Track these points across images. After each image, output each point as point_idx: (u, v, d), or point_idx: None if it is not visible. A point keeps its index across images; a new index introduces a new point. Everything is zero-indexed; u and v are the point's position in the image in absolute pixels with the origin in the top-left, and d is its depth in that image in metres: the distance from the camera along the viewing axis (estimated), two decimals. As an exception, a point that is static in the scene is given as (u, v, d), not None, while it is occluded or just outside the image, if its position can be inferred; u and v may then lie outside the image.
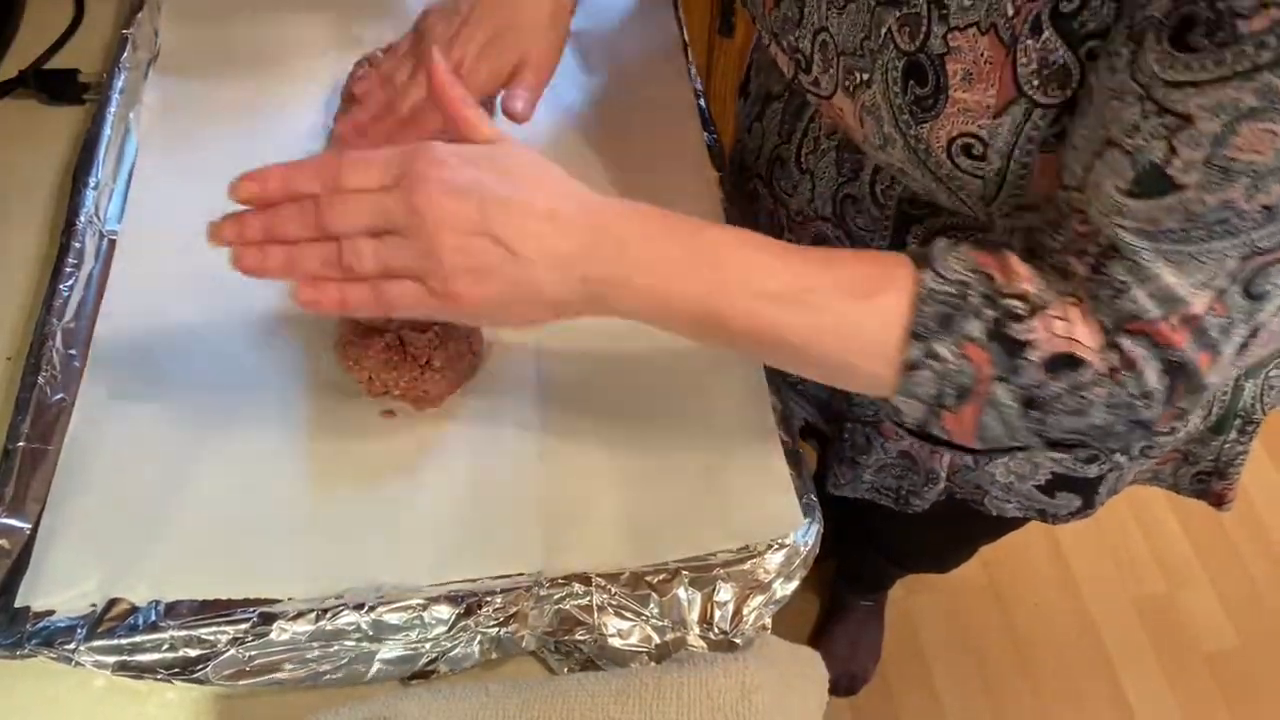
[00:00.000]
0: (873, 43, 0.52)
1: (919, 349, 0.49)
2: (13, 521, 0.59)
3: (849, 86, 0.55)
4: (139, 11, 0.85)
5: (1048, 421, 0.50)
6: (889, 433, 0.78)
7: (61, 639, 0.54)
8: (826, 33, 0.55)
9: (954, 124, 0.50)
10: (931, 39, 0.49)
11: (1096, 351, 0.48)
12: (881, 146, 0.55)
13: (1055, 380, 0.48)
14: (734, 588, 0.58)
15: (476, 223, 0.47)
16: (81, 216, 0.71)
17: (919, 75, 0.50)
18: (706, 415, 0.66)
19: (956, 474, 0.80)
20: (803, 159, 0.69)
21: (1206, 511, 1.76)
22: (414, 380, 0.64)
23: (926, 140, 0.52)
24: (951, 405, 0.50)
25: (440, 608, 0.56)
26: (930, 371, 0.49)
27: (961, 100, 0.49)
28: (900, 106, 0.52)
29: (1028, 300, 0.49)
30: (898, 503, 0.86)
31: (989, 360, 0.48)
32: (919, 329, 0.49)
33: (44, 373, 0.64)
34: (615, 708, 0.53)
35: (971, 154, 0.51)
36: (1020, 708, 1.54)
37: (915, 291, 0.49)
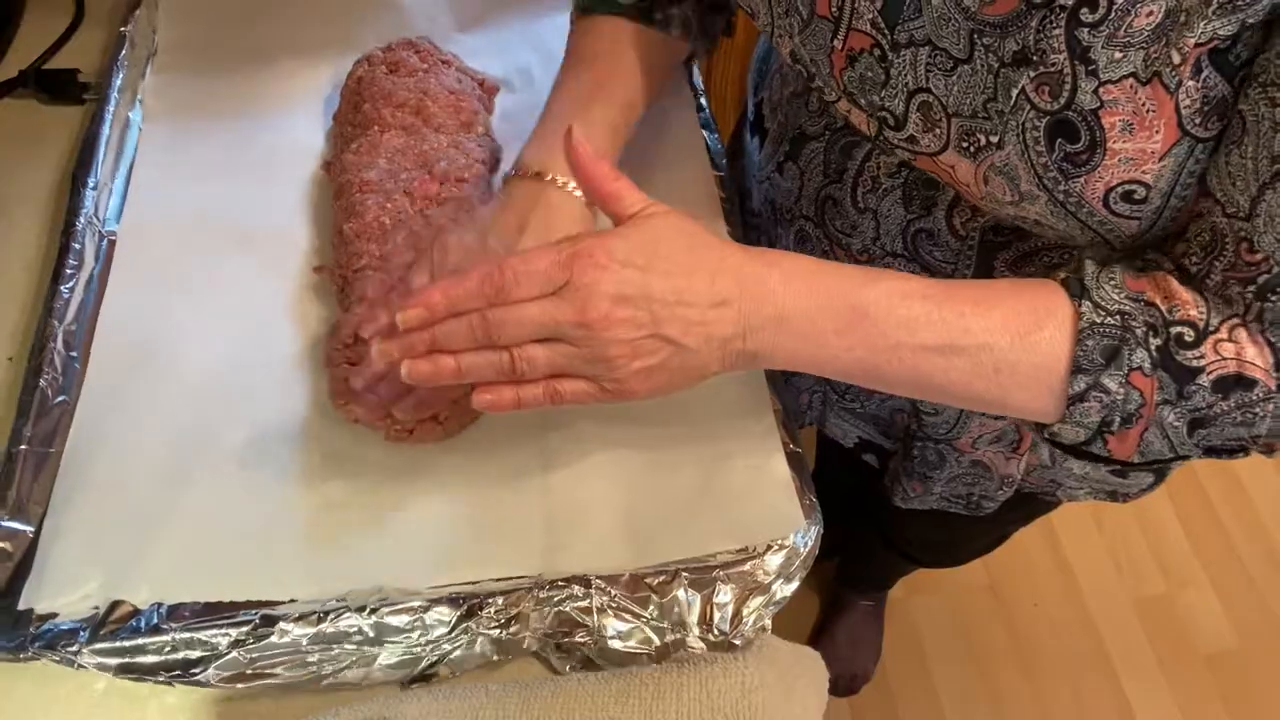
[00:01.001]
0: (1000, 104, 0.49)
1: (1084, 382, 0.50)
2: (15, 524, 0.59)
3: (968, 148, 0.52)
4: (137, 10, 0.85)
5: (1212, 434, 0.50)
6: (964, 447, 0.77)
7: (64, 641, 0.54)
8: (928, 94, 0.53)
9: (1113, 174, 0.48)
10: (1079, 95, 0.47)
11: (1266, 370, 0.48)
12: (1014, 203, 0.53)
13: (1224, 400, 0.49)
14: (734, 589, 0.58)
15: (647, 326, 0.50)
16: (81, 217, 0.71)
17: (1068, 133, 0.48)
18: (706, 417, 0.66)
19: (1032, 473, 0.80)
20: (860, 199, 0.67)
21: (1207, 511, 1.77)
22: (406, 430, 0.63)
23: (1079, 194, 0.50)
24: (1116, 431, 0.51)
25: (441, 610, 0.56)
26: (1097, 404, 0.50)
27: (1122, 151, 0.47)
28: (1045, 165, 0.50)
29: (1194, 326, 0.49)
30: (969, 508, 0.85)
31: (1156, 388, 0.49)
32: (1083, 363, 0.49)
33: (45, 375, 0.64)
34: (615, 708, 0.53)
35: (1133, 199, 0.49)
36: (1020, 708, 1.54)
37: (1075, 325, 0.50)
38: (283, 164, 0.78)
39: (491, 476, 0.63)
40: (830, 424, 0.88)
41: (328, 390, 0.64)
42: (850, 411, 0.84)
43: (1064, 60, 0.47)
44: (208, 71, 0.83)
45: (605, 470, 0.64)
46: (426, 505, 0.62)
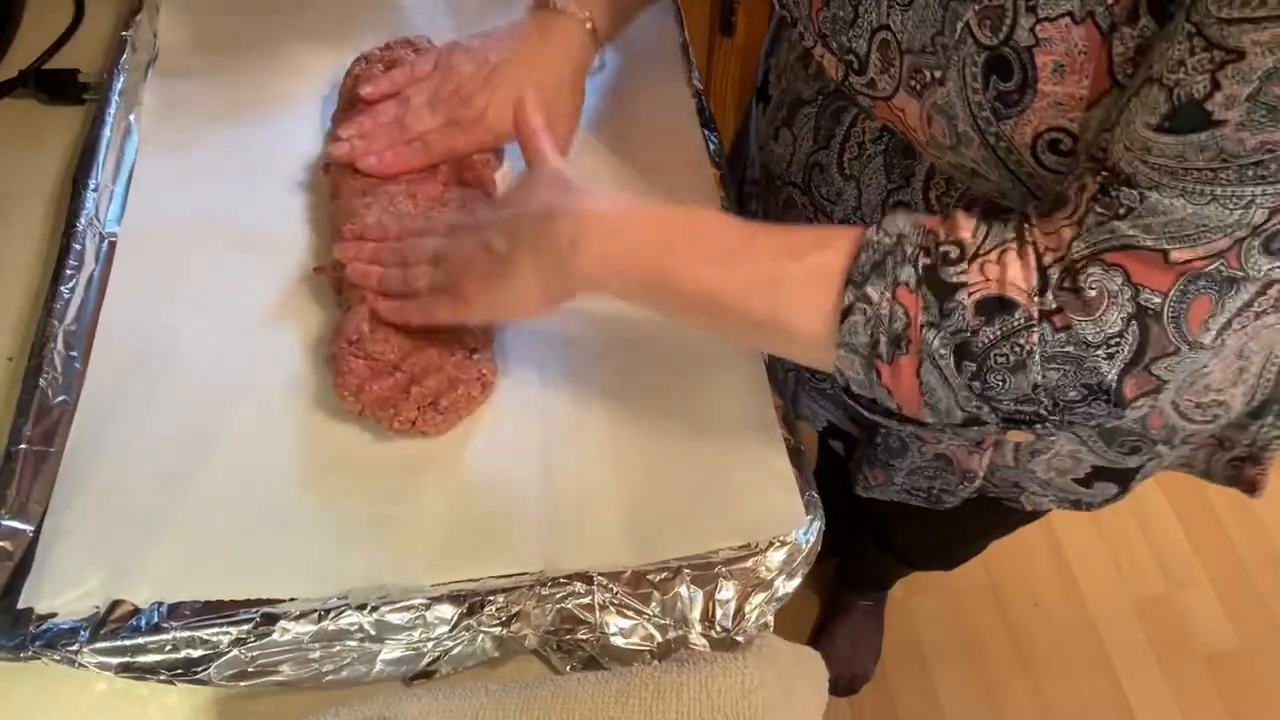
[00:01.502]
0: (946, 38, 0.50)
1: (852, 294, 0.50)
2: (15, 524, 0.59)
3: (915, 86, 0.53)
4: (138, 13, 0.85)
5: (990, 381, 0.49)
6: (929, 436, 0.78)
7: (64, 641, 0.54)
8: (888, 31, 0.54)
9: (1041, 119, 0.48)
10: (1018, 31, 0.47)
11: (1027, 293, 0.47)
12: (952, 147, 0.54)
13: (987, 326, 0.48)
14: (736, 586, 0.58)
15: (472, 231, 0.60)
16: (81, 219, 0.71)
17: (1003, 70, 0.48)
18: (708, 413, 0.66)
19: (995, 473, 0.80)
20: (845, 165, 0.68)
21: (1207, 511, 1.77)
22: (409, 421, 0.63)
23: (1009, 138, 0.50)
24: (886, 355, 0.50)
25: (443, 607, 0.56)
26: (862, 316, 0.50)
27: (1051, 93, 0.47)
28: (980, 103, 0.50)
29: (963, 246, 0.49)
30: (929, 501, 0.85)
31: (920, 305, 0.49)
32: (854, 275, 0.50)
33: (45, 375, 0.64)
34: (615, 708, 0.53)
35: (1059, 149, 0.49)
36: (1020, 708, 1.54)
37: (856, 244, 0.51)
38: (283, 165, 0.78)
39: (492, 474, 0.63)
40: (802, 405, 0.88)
41: (333, 384, 0.64)
42: (819, 392, 0.84)
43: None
44: (208, 74, 0.83)
45: (606, 467, 0.64)
46: (427, 503, 0.62)
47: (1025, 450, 0.76)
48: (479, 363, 0.65)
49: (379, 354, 0.63)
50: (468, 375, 0.64)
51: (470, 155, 0.74)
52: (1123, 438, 0.72)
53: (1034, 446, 0.75)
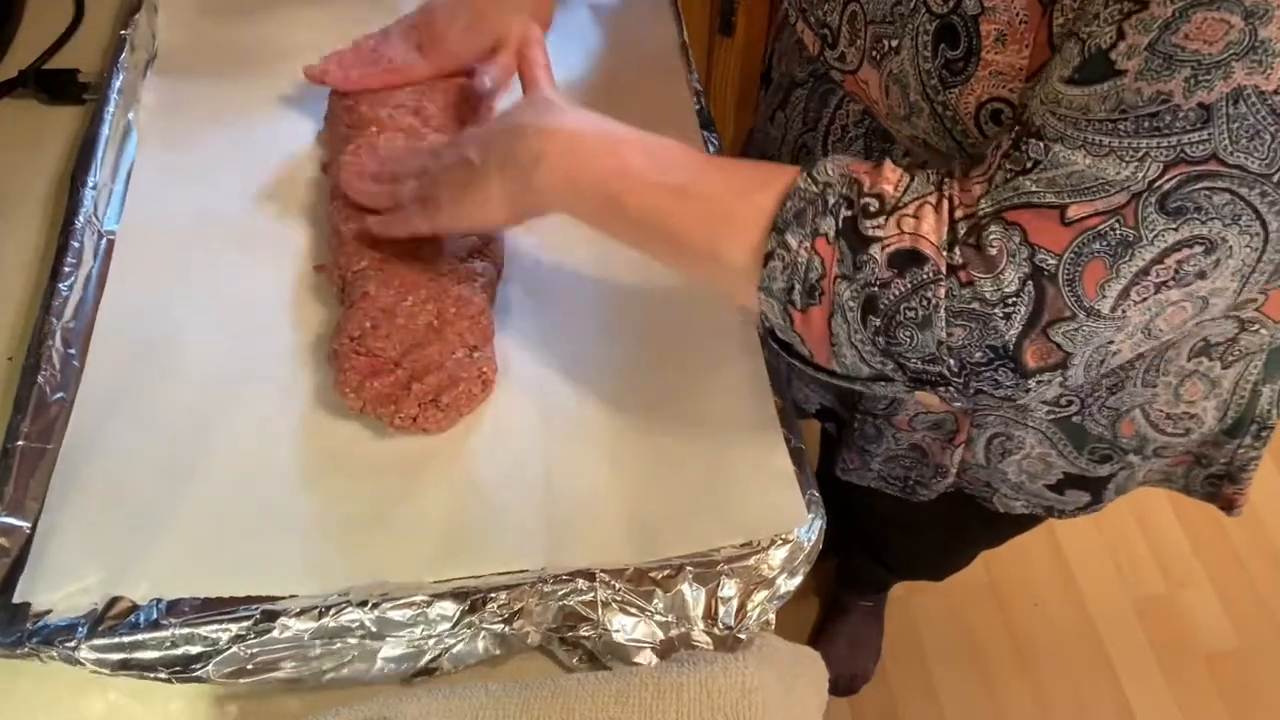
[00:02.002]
0: (904, 8, 0.52)
1: (774, 240, 0.51)
2: (12, 520, 0.59)
3: (876, 56, 0.55)
4: (136, 13, 0.85)
5: (898, 337, 0.49)
6: (901, 424, 0.78)
7: (62, 637, 0.54)
8: (856, 3, 0.56)
9: (984, 88, 0.49)
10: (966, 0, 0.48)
11: (937, 247, 0.47)
12: (906, 117, 0.55)
13: (899, 279, 0.48)
14: (738, 583, 0.58)
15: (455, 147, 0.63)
16: (80, 217, 0.71)
17: (950, 38, 0.49)
18: (709, 411, 0.66)
19: (967, 470, 0.80)
20: (829, 147, 0.69)
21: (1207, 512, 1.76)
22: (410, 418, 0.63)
23: (954, 107, 0.51)
24: (799, 303, 0.51)
25: (444, 604, 0.56)
26: (780, 263, 0.50)
27: (993, 63, 0.48)
28: (929, 71, 0.51)
29: (883, 199, 0.49)
30: (904, 492, 0.86)
31: (835, 257, 0.49)
32: (778, 222, 0.51)
33: (43, 372, 0.64)
34: (615, 708, 0.53)
35: (1000, 120, 0.50)
36: (1020, 708, 1.54)
37: (786, 190, 0.51)
38: (281, 164, 0.79)
39: (493, 471, 0.63)
40: (794, 387, 0.88)
41: (333, 381, 0.64)
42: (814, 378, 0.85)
43: None
44: (207, 73, 0.83)
45: (608, 465, 0.64)
46: (428, 500, 0.62)
47: (996, 450, 0.76)
48: (480, 360, 0.65)
49: (380, 350, 0.63)
50: (469, 372, 0.64)
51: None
52: (1093, 444, 0.72)
53: (1005, 446, 0.75)
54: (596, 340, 0.69)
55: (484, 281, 0.69)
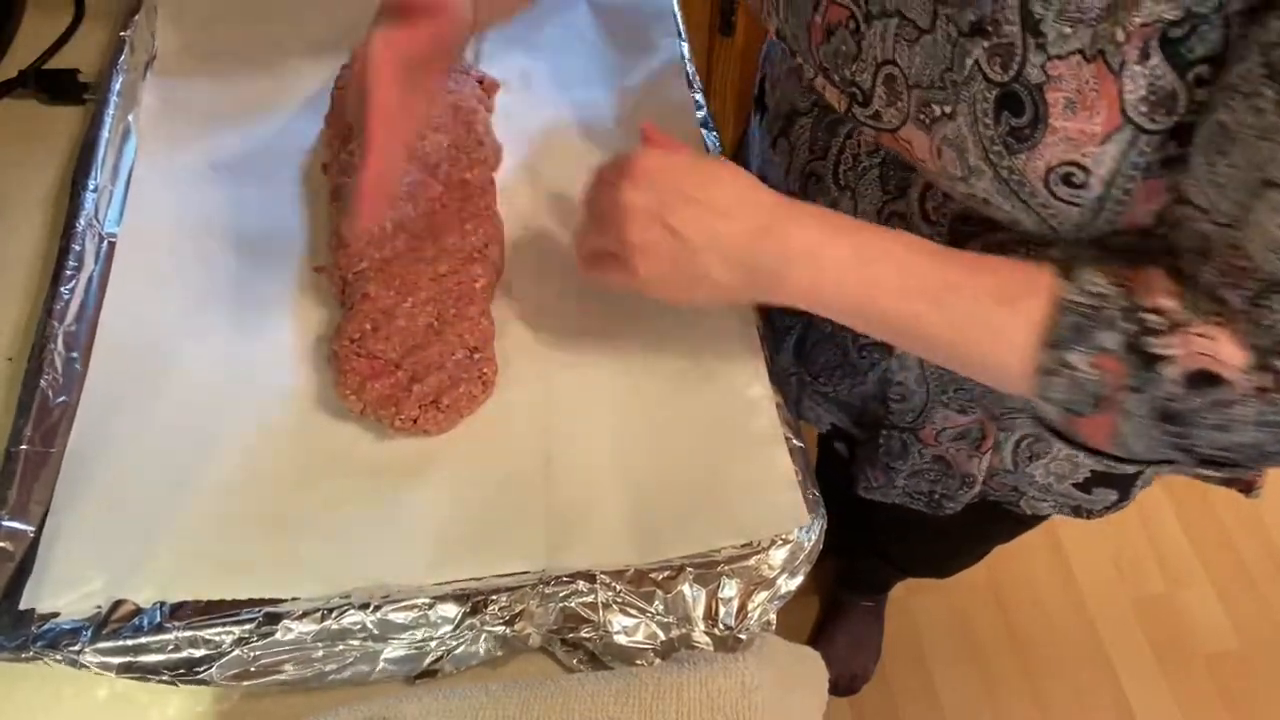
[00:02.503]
0: (956, 75, 0.51)
1: (1053, 357, 0.51)
2: (16, 524, 0.59)
3: (924, 120, 0.54)
4: (136, 14, 0.85)
5: (1192, 435, 0.50)
6: (927, 439, 0.78)
7: (66, 641, 0.54)
8: (894, 66, 0.55)
9: (1054, 153, 0.49)
10: (1028, 68, 0.48)
11: (1241, 371, 0.48)
12: (964, 178, 0.54)
13: (1196, 395, 0.48)
14: (738, 584, 0.58)
15: (656, 213, 0.56)
16: (81, 219, 0.71)
17: (1014, 106, 0.49)
18: (710, 411, 0.66)
19: (993, 477, 0.80)
20: (840, 176, 0.68)
21: (1207, 511, 1.77)
22: (411, 419, 0.63)
23: (1021, 171, 0.51)
24: (1085, 411, 0.51)
25: (446, 606, 0.56)
26: (1065, 380, 0.51)
27: (1063, 129, 0.48)
28: (992, 138, 0.51)
29: (1166, 316, 0.49)
30: (930, 506, 0.85)
31: (1123, 372, 0.49)
32: (1054, 338, 0.50)
33: (46, 376, 0.64)
34: (615, 708, 0.53)
35: (1071, 182, 0.50)
36: (1020, 708, 1.54)
37: (1054, 301, 0.51)
38: (282, 165, 0.79)
39: (494, 473, 0.63)
40: (805, 407, 0.88)
41: (334, 384, 0.64)
42: (823, 395, 0.85)
43: (1016, 32, 0.48)
44: (206, 74, 0.83)
45: (609, 466, 0.64)
46: (429, 502, 0.62)
47: (1024, 454, 0.76)
48: (480, 361, 0.65)
49: (380, 352, 0.64)
50: (469, 374, 0.64)
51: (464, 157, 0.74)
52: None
53: (1032, 450, 0.75)
54: (597, 341, 0.70)
55: (484, 283, 0.69)
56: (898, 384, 0.75)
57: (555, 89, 0.85)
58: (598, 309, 0.70)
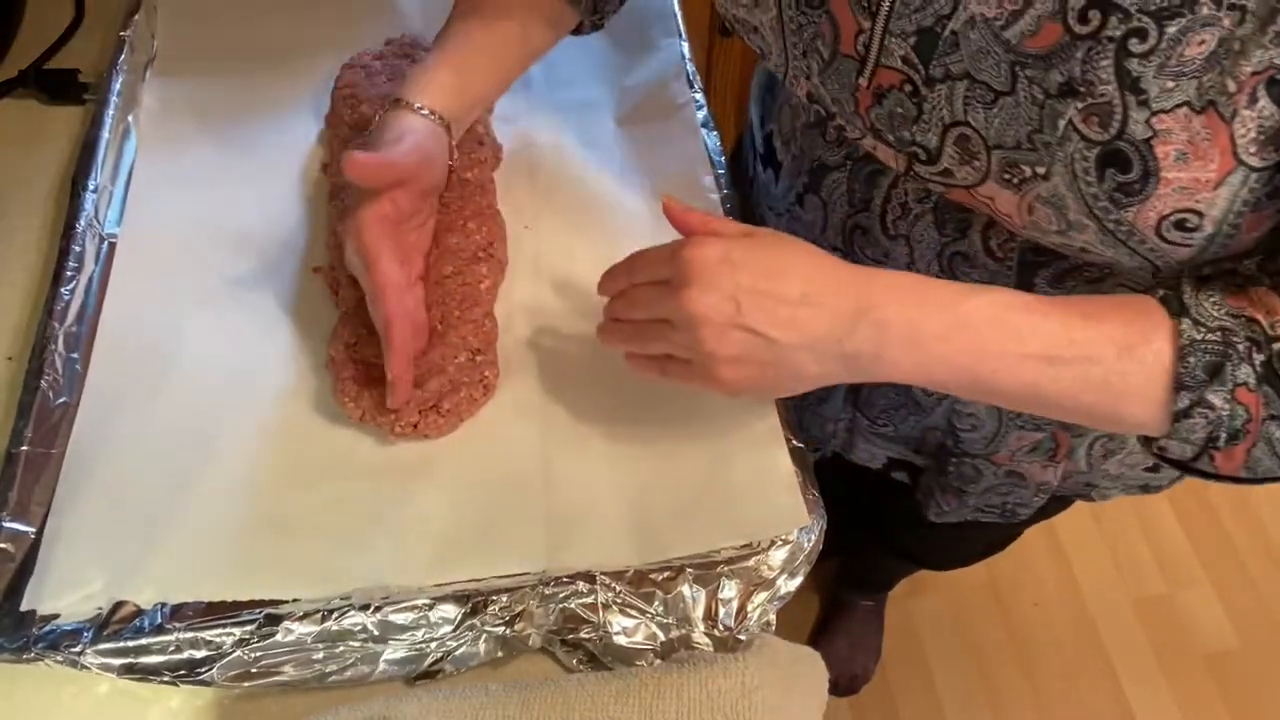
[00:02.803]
0: (1047, 136, 0.49)
1: (1188, 399, 0.49)
2: (17, 525, 0.59)
3: (1012, 180, 0.52)
4: (136, 14, 0.85)
5: None
6: (1001, 460, 0.77)
7: (68, 642, 0.54)
8: (966, 127, 0.52)
9: (1166, 203, 0.48)
10: (1131, 125, 0.46)
11: None
12: (1061, 231, 0.53)
13: None
14: (738, 585, 0.58)
15: (730, 316, 0.52)
16: (81, 220, 0.71)
17: (1120, 163, 0.48)
18: (709, 412, 0.66)
19: (1067, 479, 0.79)
20: (890, 226, 0.66)
21: (1207, 511, 1.77)
22: (410, 424, 0.63)
23: (1130, 222, 0.49)
24: (1223, 447, 0.50)
25: (446, 607, 0.56)
26: (1202, 419, 0.49)
27: (1176, 180, 0.47)
28: (1095, 195, 0.49)
29: None
30: (1003, 516, 0.85)
31: (1262, 403, 0.49)
32: (1186, 380, 0.49)
33: (46, 377, 0.64)
34: (615, 708, 0.53)
35: (1185, 227, 0.49)
36: (1020, 708, 1.54)
37: (1177, 342, 0.49)
38: (282, 166, 0.78)
39: (494, 474, 0.63)
40: (858, 449, 0.87)
41: (331, 389, 0.64)
42: (881, 436, 0.84)
43: (1113, 90, 0.46)
44: (206, 74, 0.83)
45: (608, 467, 0.64)
46: (429, 503, 0.62)
47: (1098, 454, 0.75)
48: (481, 365, 0.65)
49: (376, 358, 0.63)
50: (469, 378, 0.64)
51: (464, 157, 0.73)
52: None
53: (1107, 448, 0.75)
54: (597, 342, 0.69)
55: (489, 284, 0.69)
56: (968, 415, 0.74)
57: (555, 89, 0.85)
58: (597, 310, 0.70)
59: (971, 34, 0.49)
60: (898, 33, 0.52)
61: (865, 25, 0.53)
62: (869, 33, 0.53)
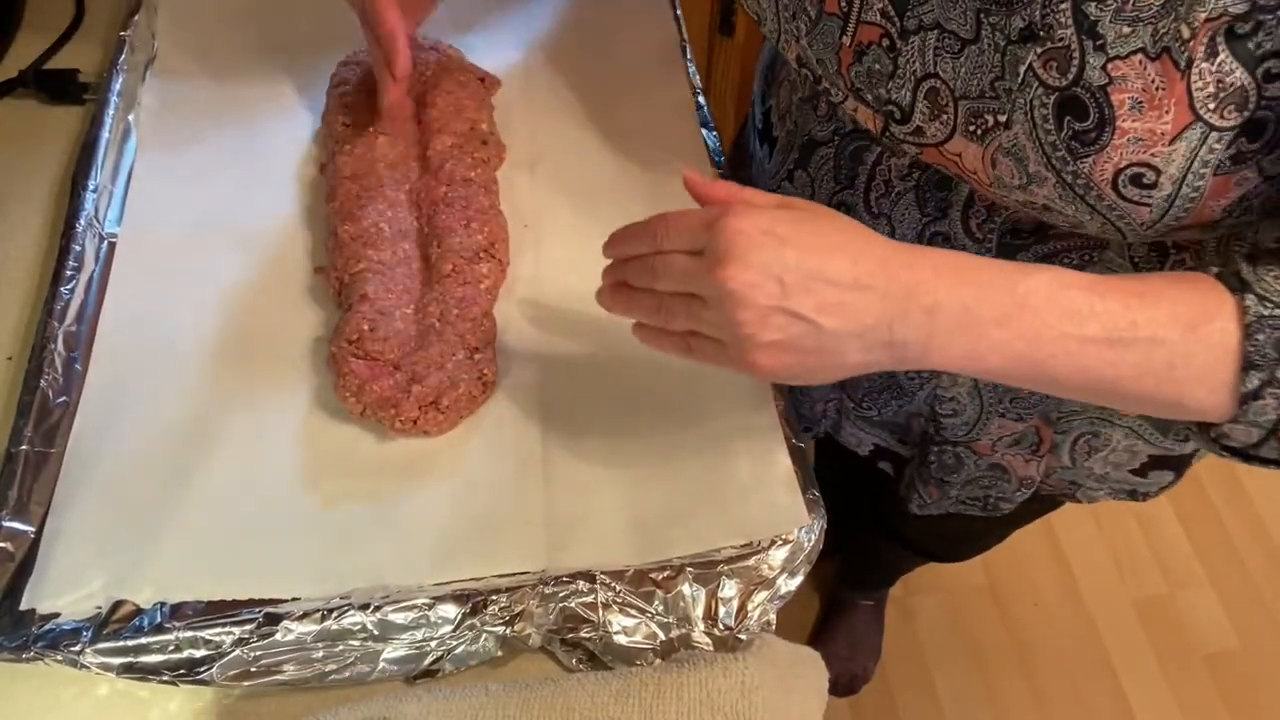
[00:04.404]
0: (1009, 83, 0.49)
1: (1258, 379, 0.47)
2: (16, 524, 0.59)
3: (975, 131, 0.52)
4: (136, 14, 0.85)
5: None
6: (982, 450, 0.77)
7: (67, 641, 0.54)
8: (936, 79, 0.52)
9: (1122, 155, 0.47)
10: (1088, 71, 0.46)
11: None
12: (1022, 186, 0.52)
13: None
14: (738, 584, 0.58)
15: (775, 297, 0.48)
16: (81, 220, 0.71)
17: (1077, 110, 0.47)
18: (709, 412, 0.66)
19: (1050, 475, 0.79)
20: (873, 203, 0.66)
21: (1207, 511, 1.77)
22: (410, 420, 0.63)
23: (1088, 175, 0.49)
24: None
25: (446, 607, 0.56)
26: (1274, 400, 0.47)
27: (1131, 130, 0.47)
28: (1054, 144, 0.49)
29: None
30: (985, 510, 0.85)
31: None
32: (1256, 359, 0.46)
33: (46, 376, 0.64)
34: (615, 708, 0.53)
35: (1141, 183, 0.48)
36: (1020, 708, 1.54)
37: (1243, 319, 0.47)
38: (282, 165, 0.79)
39: (494, 473, 0.63)
40: (845, 432, 0.87)
41: (333, 386, 0.64)
42: (866, 420, 0.84)
43: (1071, 35, 0.46)
44: (206, 74, 0.83)
45: (608, 466, 0.64)
46: (429, 502, 0.62)
47: (1082, 451, 0.75)
48: (480, 362, 0.65)
49: (378, 354, 0.63)
50: (469, 374, 0.64)
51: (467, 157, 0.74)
52: (1178, 427, 0.71)
53: (1090, 445, 0.74)
54: (596, 340, 0.70)
55: (489, 283, 0.69)
56: (949, 400, 0.74)
57: (555, 88, 0.85)
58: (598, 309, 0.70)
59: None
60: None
61: None
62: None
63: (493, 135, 0.77)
